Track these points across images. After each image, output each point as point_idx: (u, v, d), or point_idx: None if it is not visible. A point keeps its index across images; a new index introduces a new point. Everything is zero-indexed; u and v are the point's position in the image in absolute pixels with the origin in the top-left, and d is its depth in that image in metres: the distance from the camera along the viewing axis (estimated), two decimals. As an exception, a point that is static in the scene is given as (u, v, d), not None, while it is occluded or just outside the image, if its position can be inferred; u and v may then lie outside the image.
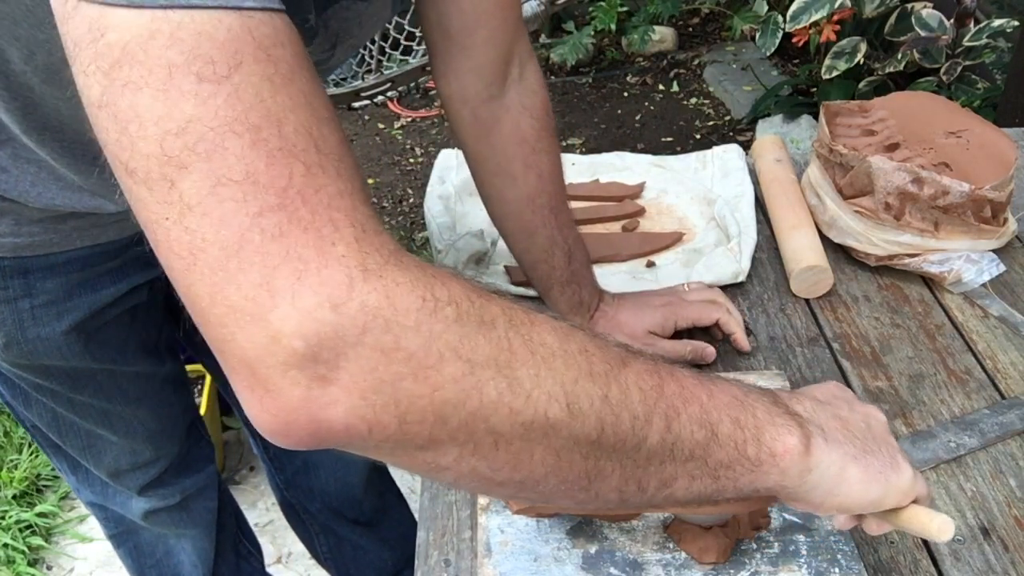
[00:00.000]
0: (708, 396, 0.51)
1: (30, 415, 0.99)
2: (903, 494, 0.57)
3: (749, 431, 0.51)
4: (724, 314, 0.95)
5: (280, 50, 0.43)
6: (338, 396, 0.41)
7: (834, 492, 0.54)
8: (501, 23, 0.83)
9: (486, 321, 0.43)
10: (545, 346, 0.45)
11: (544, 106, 0.89)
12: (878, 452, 0.57)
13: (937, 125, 1.12)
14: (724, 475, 0.51)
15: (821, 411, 0.57)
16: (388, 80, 2.03)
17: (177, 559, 1.22)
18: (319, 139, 0.43)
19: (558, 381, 0.45)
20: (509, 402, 0.43)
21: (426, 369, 0.41)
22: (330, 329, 0.40)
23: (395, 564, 1.47)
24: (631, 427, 0.47)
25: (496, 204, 0.91)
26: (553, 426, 0.45)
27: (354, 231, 0.42)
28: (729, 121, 3.18)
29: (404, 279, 0.42)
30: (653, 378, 0.49)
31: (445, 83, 0.86)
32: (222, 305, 0.41)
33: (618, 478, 0.48)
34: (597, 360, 0.47)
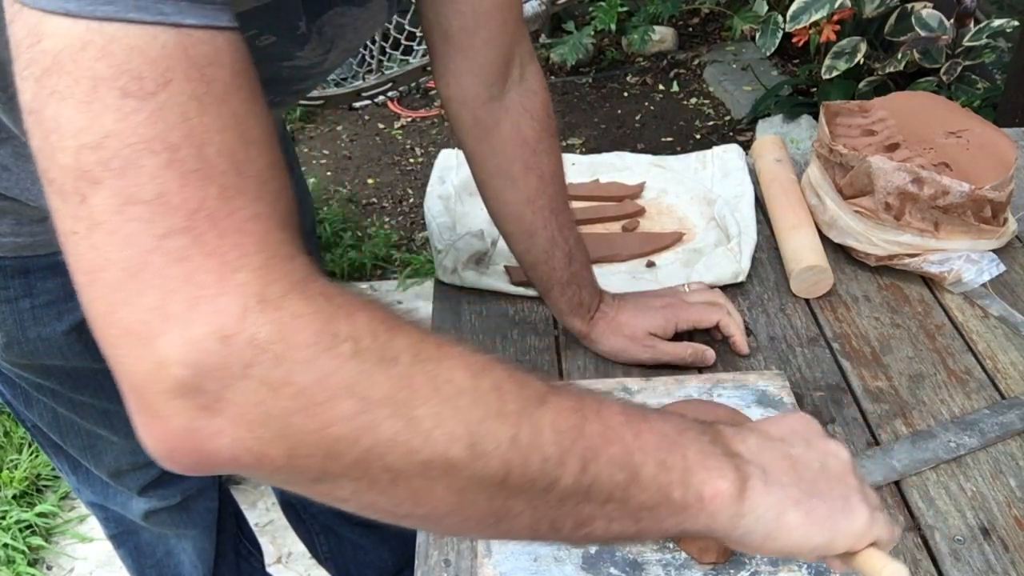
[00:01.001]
0: (634, 436, 0.48)
1: (31, 415, 0.99)
2: (854, 538, 0.54)
3: (676, 473, 0.49)
4: (724, 316, 0.95)
5: (215, 70, 0.42)
6: (223, 427, 0.40)
7: (772, 537, 0.52)
8: (501, 25, 0.83)
9: (387, 357, 0.42)
10: (452, 383, 0.43)
11: (545, 107, 0.89)
12: (828, 495, 0.54)
13: (937, 125, 1.12)
14: (647, 517, 0.49)
15: (768, 450, 0.54)
16: (388, 80, 2.03)
17: (177, 559, 1.22)
18: (243, 161, 0.42)
19: (462, 420, 0.43)
20: (406, 441, 0.42)
21: (317, 405, 0.40)
22: (216, 360, 0.39)
23: (395, 564, 1.47)
24: (541, 469, 0.45)
25: (496, 205, 0.91)
26: (454, 466, 0.43)
27: (261, 257, 0.41)
28: (729, 121, 3.18)
29: (304, 311, 0.41)
30: (573, 417, 0.47)
31: (445, 85, 0.86)
32: (116, 326, 0.40)
33: (529, 518, 0.46)
34: (511, 398, 0.45)
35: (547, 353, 0.97)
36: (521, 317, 1.02)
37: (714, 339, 0.97)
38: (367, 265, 2.55)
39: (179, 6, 0.41)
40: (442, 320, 1.02)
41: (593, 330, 0.93)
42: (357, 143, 3.20)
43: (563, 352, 0.97)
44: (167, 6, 0.41)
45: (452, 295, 1.06)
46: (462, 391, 0.43)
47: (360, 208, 2.86)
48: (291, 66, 0.72)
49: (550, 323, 1.01)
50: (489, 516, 0.46)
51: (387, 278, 2.54)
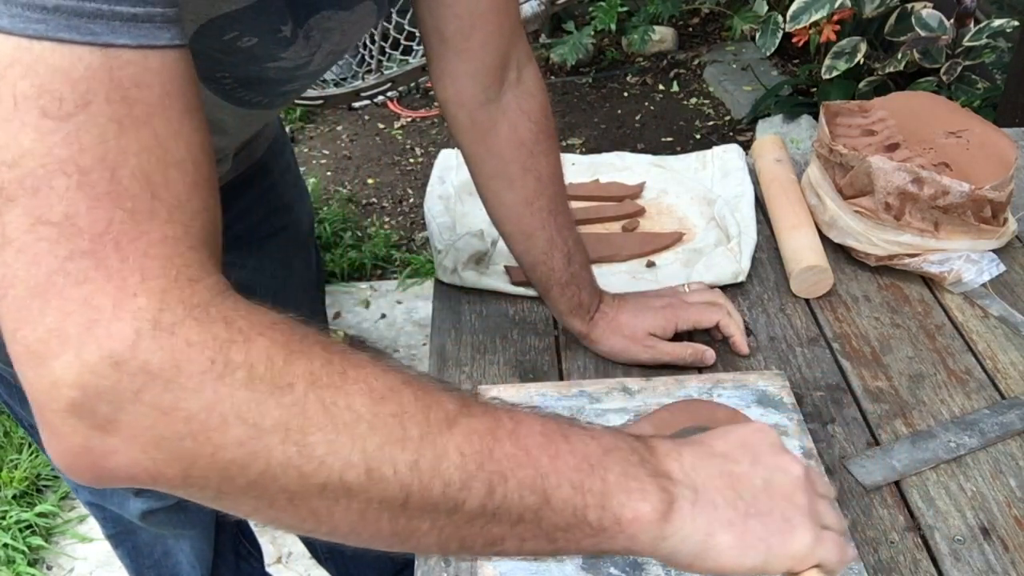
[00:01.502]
0: (550, 458, 0.48)
1: (27, 414, 0.99)
2: (794, 560, 0.53)
3: (593, 496, 0.48)
4: (725, 316, 0.94)
5: (140, 91, 0.42)
6: (117, 447, 0.41)
7: (700, 558, 0.51)
8: (497, 27, 0.83)
9: (282, 385, 0.42)
10: (351, 410, 0.43)
11: (543, 109, 0.89)
12: (767, 516, 0.52)
13: (937, 125, 1.12)
14: (563, 538, 0.49)
15: (705, 468, 0.53)
16: (388, 80, 2.03)
17: (175, 559, 1.22)
18: (159, 184, 0.43)
19: (358, 447, 0.43)
20: (299, 466, 0.42)
21: (208, 431, 0.41)
22: (107, 384, 0.40)
23: (395, 564, 1.47)
24: (443, 493, 0.45)
25: (495, 206, 0.91)
26: (351, 490, 0.43)
27: (162, 281, 0.42)
28: (729, 121, 3.18)
29: (198, 338, 0.41)
30: (483, 441, 0.46)
31: (442, 87, 0.86)
32: (19, 343, 0.41)
33: (436, 536, 0.47)
34: (413, 423, 0.45)
35: (547, 353, 0.97)
36: (521, 317, 1.02)
37: (714, 339, 0.97)
38: (367, 265, 2.55)
39: (111, 26, 0.41)
40: (442, 320, 1.02)
41: (593, 330, 0.93)
42: (357, 143, 3.20)
43: (563, 352, 0.97)
44: (98, 26, 0.41)
45: (452, 295, 1.05)
46: (359, 418, 0.43)
47: (360, 208, 2.86)
48: (276, 67, 0.72)
49: (550, 323, 1.01)
50: (393, 535, 0.46)
51: (387, 278, 2.54)
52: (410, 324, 2.36)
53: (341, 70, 2.23)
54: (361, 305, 2.44)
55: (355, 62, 2.18)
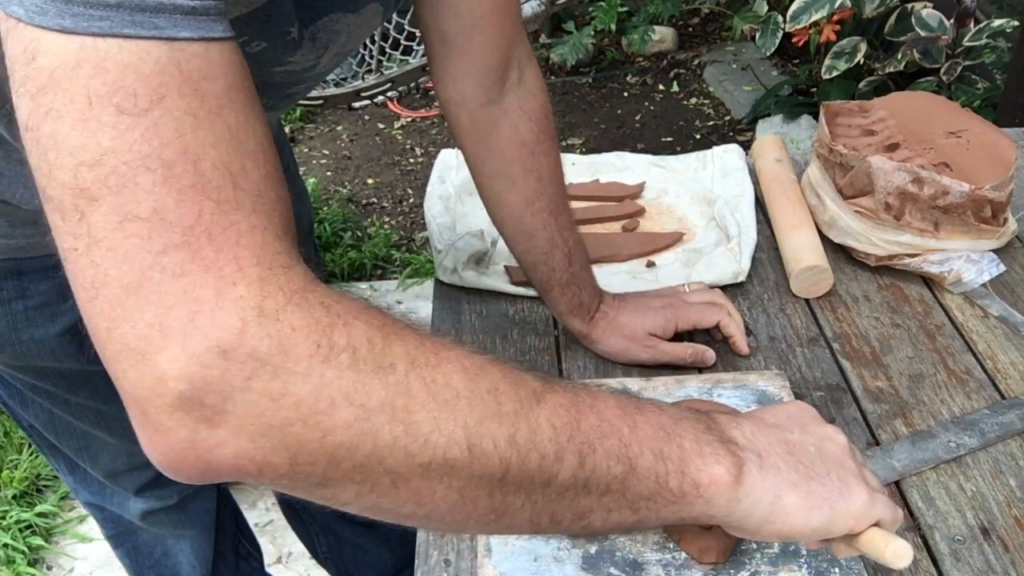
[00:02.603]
0: (631, 428, 0.50)
1: (27, 415, 0.99)
2: (855, 519, 0.55)
3: (672, 463, 0.50)
4: (725, 316, 0.94)
5: (210, 84, 0.43)
6: (225, 438, 0.41)
7: (770, 520, 0.53)
8: (498, 28, 0.83)
9: (384, 365, 0.43)
10: (450, 387, 0.44)
11: (543, 109, 0.89)
12: (826, 477, 0.55)
13: (937, 125, 1.12)
14: (645, 507, 0.50)
15: (763, 435, 0.55)
16: (388, 80, 2.04)
17: (175, 560, 1.22)
18: (239, 175, 0.43)
19: (460, 423, 0.44)
20: (405, 445, 0.43)
21: (317, 415, 0.41)
22: (217, 373, 0.40)
23: (395, 564, 1.47)
24: (539, 466, 0.46)
25: (495, 206, 0.91)
26: (453, 467, 0.44)
27: (259, 270, 0.42)
28: (729, 121, 3.18)
29: (301, 323, 0.42)
30: (569, 413, 0.48)
31: (443, 87, 0.86)
32: (117, 342, 0.41)
33: (529, 512, 0.48)
34: (507, 399, 0.46)
35: (547, 353, 0.97)
36: (521, 317, 1.02)
37: (714, 339, 0.97)
38: (367, 265, 2.55)
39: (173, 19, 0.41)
40: (442, 320, 1.02)
41: (593, 330, 0.93)
42: (357, 143, 3.20)
43: (563, 352, 0.97)
44: (161, 19, 0.41)
45: (452, 295, 1.05)
46: (459, 394, 0.44)
47: (360, 208, 2.86)
48: (283, 71, 0.72)
49: (550, 323, 1.01)
50: (490, 512, 0.47)
51: (387, 278, 2.54)
52: (410, 324, 2.36)
53: (341, 70, 2.23)
54: (361, 305, 2.44)
55: (355, 62, 2.18)
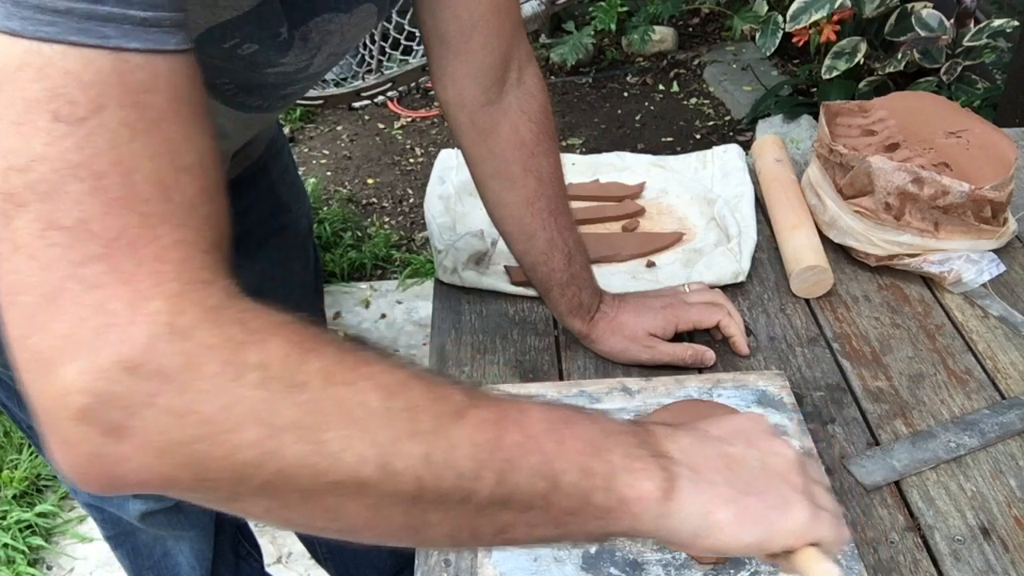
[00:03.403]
0: (557, 444, 0.48)
1: (25, 416, 0.98)
2: (793, 536, 0.53)
3: (599, 478, 0.49)
4: (725, 316, 0.94)
5: (152, 96, 0.43)
6: (129, 453, 0.41)
7: (701, 535, 0.52)
8: (498, 29, 0.83)
9: (296, 384, 0.42)
10: (364, 406, 0.43)
11: (543, 110, 0.89)
12: (765, 493, 0.54)
13: (937, 125, 1.12)
14: (570, 522, 0.49)
15: (702, 449, 0.54)
16: (388, 80, 2.03)
17: (175, 560, 1.22)
18: (171, 188, 0.43)
19: (372, 442, 0.43)
20: (314, 464, 0.42)
21: (222, 433, 0.41)
22: (122, 388, 0.40)
23: (395, 564, 1.47)
24: (455, 484, 0.45)
25: (495, 207, 0.91)
26: (365, 485, 0.43)
27: (177, 285, 0.42)
28: (729, 121, 3.18)
29: (213, 340, 0.41)
30: (492, 430, 0.47)
31: (442, 88, 0.86)
32: (28, 351, 0.41)
33: (447, 527, 0.47)
34: (425, 416, 0.45)
35: (547, 353, 0.97)
36: (521, 317, 1.02)
37: (714, 339, 0.97)
38: (367, 265, 2.55)
39: (122, 29, 0.41)
40: (442, 320, 1.02)
41: (593, 330, 0.93)
42: (357, 143, 3.20)
43: (563, 352, 0.97)
44: (109, 29, 0.41)
45: (452, 295, 1.05)
46: (373, 413, 0.44)
47: (360, 208, 2.86)
48: (276, 72, 0.72)
49: (550, 323, 1.01)
50: (405, 528, 0.46)
51: (387, 278, 2.54)
52: (410, 324, 2.36)
53: (341, 70, 2.23)
54: (361, 305, 2.44)
55: (355, 62, 2.18)
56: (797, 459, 0.57)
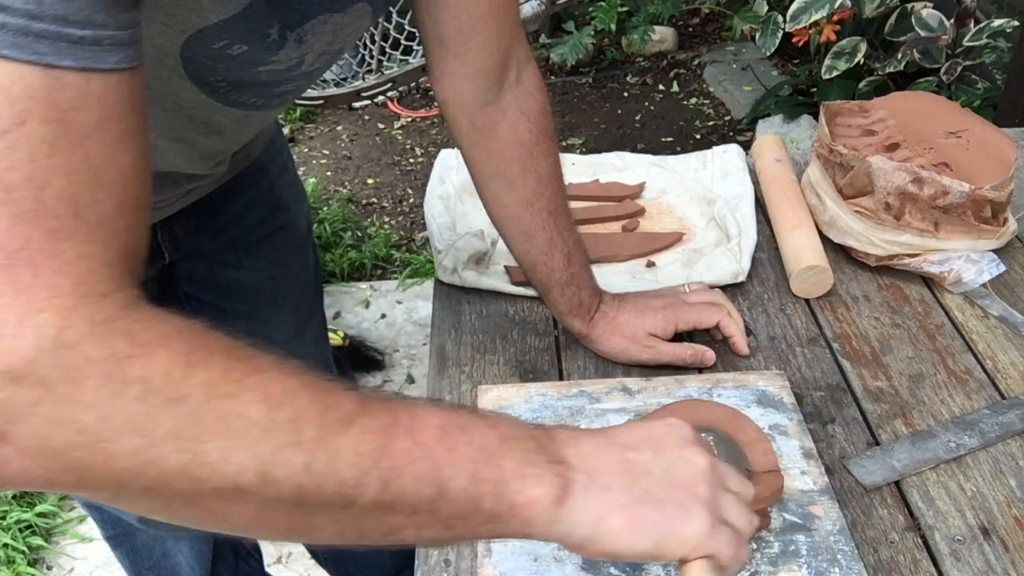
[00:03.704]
0: (447, 451, 0.50)
1: None
2: (687, 547, 0.54)
3: (488, 485, 0.50)
4: (725, 316, 0.94)
5: (78, 114, 0.44)
6: (10, 456, 0.43)
7: (592, 540, 0.53)
8: (496, 29, 0.83)
9: (177, 397, 0.44)
10: (244, 418, 0.45)
11: (542, 110, 0.89)
12: (663, 502, 0.54)
13: (937, 125, 1.12)
14: (459, 524, 0.51)
15: (603, 455, 0.55)
16: (388, 80, 2.04)
17: (175, 560, 1.22)
18: (84, 205, 0.44)
19: (251, 452, 0.45)
20: (193, 472, 0.44)
21: (101, 442, 0.43)
22: (4, 396, 0.42)
23: (395, 564, 1.47)
24: (337, 491, 0.47)
25: (494, 207, 0.91)
26: (245, 492, 0.45)
27: (71, 299, 0.43)
28: (729, 121, 3.18)
29: (97, 354, 0.43)
30: (379, 438, 0.48)
31: (441, 88, 0.86)
32: None
33: (334, 528, 0.49)
34: (309, 427, 0.46)
35: (547, 353, 0.97)
36: (521, 317, 1.02)
37: (714, 339, 0.97)
38: (367, 265, 2.55)
39: (56, 46, 0.42)
40: (442, 320, 1.02)
41: (593, 330, 0.93)
42: (357, 143, 3.20)
43: (563, 352, 0.97)
44: (44, 46, 0.42)
45: (452, 295, 1.05)
46: (253, 424, 0.45)
47: (360, 208, 2.86)
48: (268, 70, 0.72)
49: (550, 323, 1.01)
50: (291, 529, 0.48)
51: (387, 278, 2.54)
52: (410, 324, 2.36)
53: (341, 70, 2.23)
54: (361, 305, 2.44)
55: (355, 62, 2.18)
56: (708, 468, 0.57)
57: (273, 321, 1.12)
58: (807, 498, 0.77)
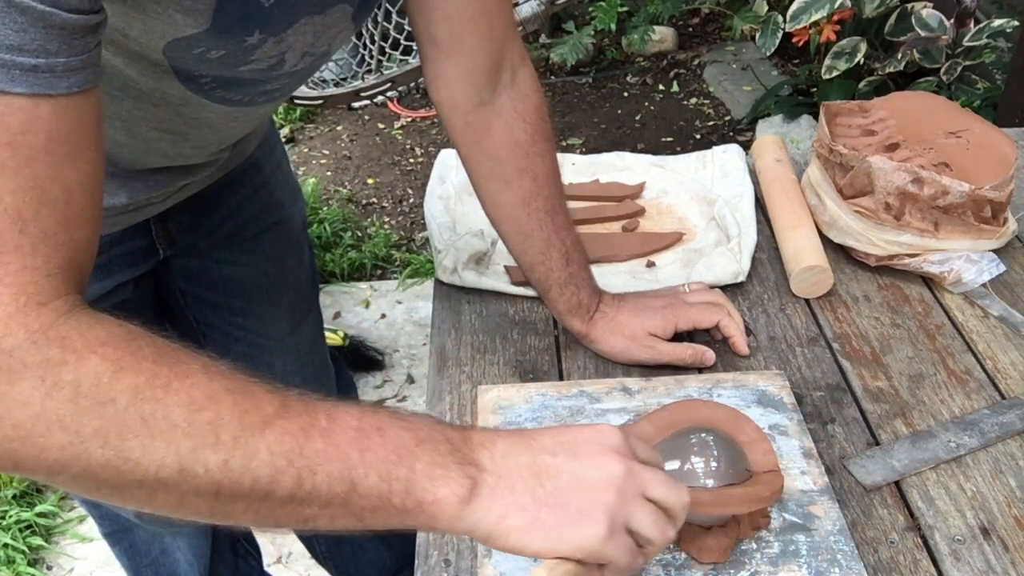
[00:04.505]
0: (361, 452, 0.54)
1: None
2: (581, 551, 0.57)
3: (399, 483, 0.54)
4: (725, 316, 0.94)
5: (27, 136, 0.48)
6: None
7: (492, 537, 0.57)
8: (488, 30, 0.83)
9: (104, 401, 0.48)
10: (167, 420, 0.49)
11: (538, 110, 0.89)
12: (565, 506, 0.57)
13: (937, 125, 1.12)
14: (370, 517, 0.55)
15: (514, 458, 0.58)
16: (388, 80, 2.03)
17: (173, 558, 1.22)
18: (29, 220, 0.48)
19: (172, 451, 0.49)
20: (117, 466, 0.49)
21: (34, 437, 0.48)
22: None
23: (394, 563, 1.47)
24: (252, 487, 0.51)
25: (492, 208, 0.91)
26: (166, 484, 0.50)
27: (11, 308, 0.48)
28: (729, 121, 3.18)
29: (32, 360, 0.48)
30: (295, 440, 0.52)
31: (435, 89, 0.87)
32: None
33: (252, 516, 0.53)
34: (228, 428, 0.51)
35: (547, 353, 0.97)
36: (521, 317, 1.02)
37: (714, 339, 0.97)
38: (367, 265, 2.55)
39: (10, 74, 0.46)
40: (442, 320, 1.02)
41: (593, 330, 0.93)
42: (357, 143, 3.20)
43: (563, 352, 0.97)
44: None
45: (452, 295, 1.05)
46: (175, 426, 0.50)
47: (360, 208, 2.86)
48: (250, 69, 0.73)
49: (550, 323, 1.01)
50: (212, 515, 0.53)
51: (387, 278, 2.54)
52: (410, 324, 2.36)
53: (341, 70, 2.23)
54: (361, 305, 2.44)
55: (355, 62, 2.18)
56: (623, 477, 0.59)
57: (268, 317, 1.12)
58: (807, 498, 0.77)
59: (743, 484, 0.72)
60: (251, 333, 1.12)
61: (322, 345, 1.26)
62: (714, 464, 0.71)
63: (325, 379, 1.26)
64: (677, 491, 0.61)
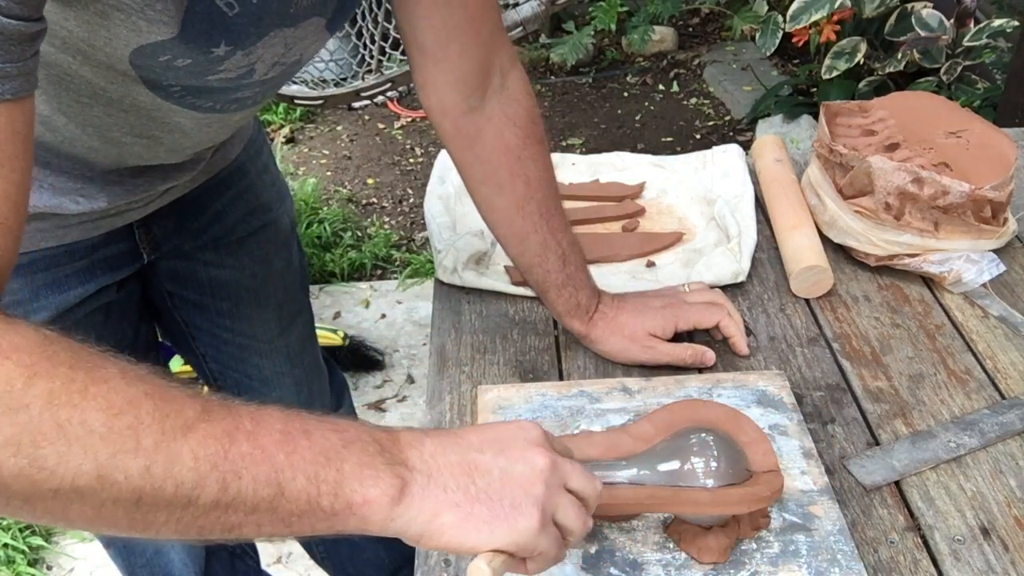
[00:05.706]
0: (287, 454, 0.53)
1: None
2: (515, 544, 0.57)
3: (327, 485, 0.53)
4: (725, 316, 0.94)
5: None
6: None
7: (427, 535, 0.56)
8: (474, 37, 0.83)
9: (18, 407, 0.47)
10: (84, 425, 0.48)
11: (529, 114, 0.89)
12: (496, 501, 0.57)
13: (937, 125, 1.12)
14: (297, 522, 0.53)
15: (444, 456, 0.58)
16: (388, 80, 2.03)
17: (168, 558, 1.22)
18: None
19: (90, 458, 0.47)
20: (31, 475, 0.47)
21: None
22: None
23: (393, 562, 1.46)
24: (175, 493, 0.49)
25: (486, 212, 0.91)
26: (83, 494, 0.48)
27: None
28: (729, 121, 3.18)
29: None
30: (219, 443, 0.51)
31: (425, 96, 0.87)
32: None
33: (175, 525, 0.51)
34: (148, 433, 0.49)
35: (547, 353, 0.97)
36: (521, 317, 1.02)
37: (714, 339, 0.97)
38: (367, 265, 2.55)
39: None
40: (442, 320, 1.02)
41: (593, 331, 0.93)
42: (357, 143, 3.20)
43: (563, 352, 0.97)
44: None
45: (452, 295, 1.05)
46: (92, 432, 0.48)
47: (360, 208, 2.86)
48: (218, 78, 0.72)
49: (550, 323, 1.01)
50: (131, 527, 0.51)
51: (387, 278, 2.54)
52: (410, 324, 2.36)
53: (341, 70, 2.23)
54: (361, 305, 2.44)
55: (355, 62, 2.18)
56: (548, 470, 0.60)
57: (256, 319, 1.12)
58: (807, 498, 0.77)
59: (743, 484, 0.72)
60: (239, 335, 1.12)
61: (313, 346, 1.26)
62: (714, 464, 0.71)
63: (317, 381, 1.26)
64: (592, 481, 0.63)
